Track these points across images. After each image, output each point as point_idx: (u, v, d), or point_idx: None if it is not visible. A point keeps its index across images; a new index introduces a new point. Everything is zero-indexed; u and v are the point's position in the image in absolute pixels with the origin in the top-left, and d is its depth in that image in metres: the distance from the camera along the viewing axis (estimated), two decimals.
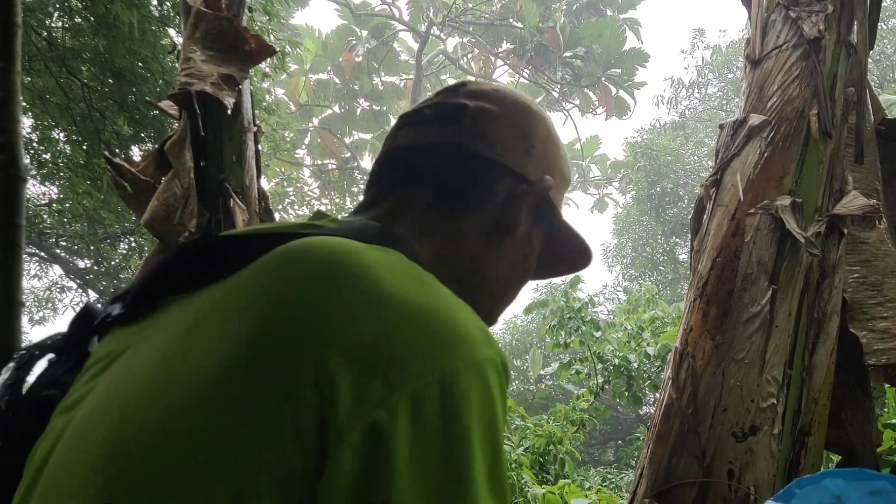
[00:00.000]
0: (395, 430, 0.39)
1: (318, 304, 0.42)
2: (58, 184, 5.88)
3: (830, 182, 1.67)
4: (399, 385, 0.40)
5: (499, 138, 0.65)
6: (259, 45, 2.24)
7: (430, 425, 0.40)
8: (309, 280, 0.44)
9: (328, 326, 0.41)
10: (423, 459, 0.39)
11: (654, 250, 16.35)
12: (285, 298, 0.43)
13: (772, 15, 1.84)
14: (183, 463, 0.39)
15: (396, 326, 0.42)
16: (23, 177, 1.94)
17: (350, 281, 0.43)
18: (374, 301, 0.42)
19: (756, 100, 1.77)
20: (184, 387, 0.42)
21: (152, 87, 4.68)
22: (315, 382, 0.39)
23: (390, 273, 0.45)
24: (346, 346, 0.40)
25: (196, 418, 0.40)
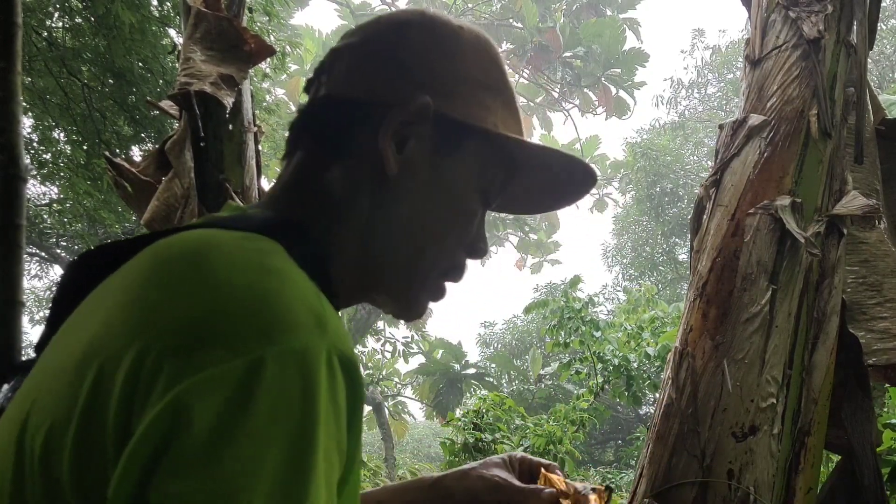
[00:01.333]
0: (191, 413, 0.36)
1: (146, 297, 0.42)
2: (58, 184, 5.89)
3: (830, 182, 1.68)
4: (200, 367, 0.37)
5: (358, 72, 0.56)
6: (259, 46, 2.25)
7: (227, 412, 0.37)
8: (146, 275, 0.43)
9: (149, 317, 0.40)
10: (213, 445, 0.36)
11: (654, 250, 16.35)
12: (125, 296, 0.43)
13: (771, 15, 1.85)
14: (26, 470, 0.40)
15: (212, 311, 0.40)
16: (23, 177, 1.94)
17: (179, 270, 0.42)
18: (196, 288, 0.41)
19: (756, 100, 1.77)
20: (36, 394, 0.43)
21: (152, 87, 4.68)
22: (125, 371, 0.39)
23: (229, 260, 0.43)
24: (159, 332, 0.39)
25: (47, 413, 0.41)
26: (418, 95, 0.53)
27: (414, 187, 0.55)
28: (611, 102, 14.83)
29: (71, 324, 0.47)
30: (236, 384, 0.37)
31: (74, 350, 0.43)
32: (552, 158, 0.61)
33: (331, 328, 0.42)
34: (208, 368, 0.38)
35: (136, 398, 0.38)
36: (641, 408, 11.23)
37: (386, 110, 0.54)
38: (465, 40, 0.58)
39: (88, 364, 0.41)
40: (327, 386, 0.40)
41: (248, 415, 0.37)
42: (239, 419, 0.37)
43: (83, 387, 0.40)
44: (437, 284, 0.60)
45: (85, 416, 0.39)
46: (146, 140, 5.13)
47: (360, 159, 0.55)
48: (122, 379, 0.39)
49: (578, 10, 14.89)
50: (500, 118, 0.58)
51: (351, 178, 0.55)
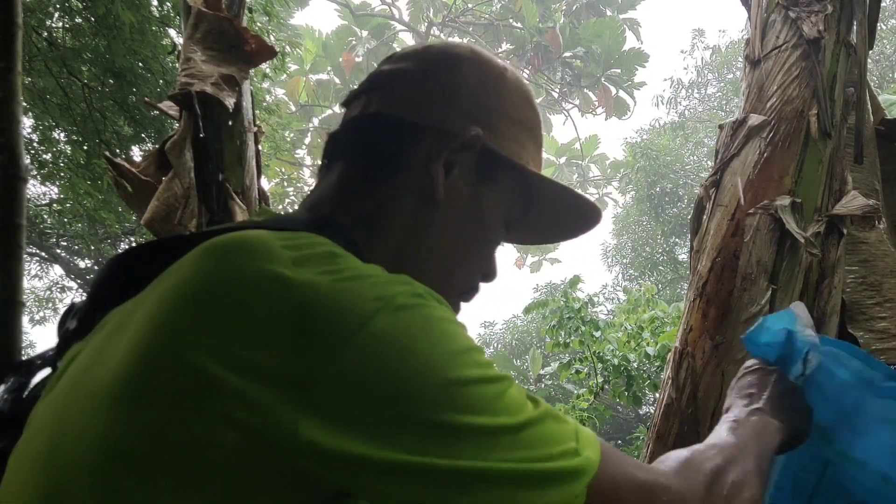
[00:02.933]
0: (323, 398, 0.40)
1: (216, 294, 0.43)
2: (58, 184, 5.89)
3: (830, 182, 1.68)
4: (324, 360, 0.40)
5: (413, 96, 0.59)
6: (259, 46, 2.25)
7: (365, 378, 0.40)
8: (210, 277, 0.44)
9: (230, 320, 0.41)
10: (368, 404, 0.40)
11: (654, 250, 16.35)
12: (190, 292, 0.44)
13: (771, 15, 1.85)
14: (110, 465, 0.40)
15: (297, 304, 0.41)
16: (23, 177, 1.94)
17: (247, 271, 0.43)
18: (270, 287, 0.42)
19: (755, 100, 1.77)
20: (102, 385, 0.43)
21: (153, 87, 4.68)
22: (231, 369, 0.40)
23: (285, 255, 0.44)
24: (248, 332, 0.41)
25: (116, 413, 0.41)
26: (470, 127, 0.58)
27: (453, 211, 0.59)
28: (611, 102, 14.83)
29: (122, 324, 0.47)
30: (366, 348, 0.40)
31: (147, 351, 0.43)
32: (568, 197, 0.65)
33: (411, 279, 0.46)
34: (336, 344, 0.40)
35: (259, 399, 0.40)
36: (641, 408, 11.23)
37: (439, 136, 0.58)
38: (509, 81, 0.63)
39: (172, 368, 0.41)
40: (436, 309, 0.45)
41: (393, 364, 0.41)
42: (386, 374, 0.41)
43: (166, 379, 0.41)
44: (454, 303, 0.63)
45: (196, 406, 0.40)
46: (146, 140, 5.13)
47: (407, 178, 0.58)
48: (230, 376, 0.40)
49: (578, 10, 14.89)
50: (532, 157, 0.63)
51: (396, 195, 0.58)
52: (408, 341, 0.42)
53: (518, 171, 0.61)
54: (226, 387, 0.40)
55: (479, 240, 0.62)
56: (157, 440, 0.40)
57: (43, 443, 0.45)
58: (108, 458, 0.41)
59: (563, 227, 0.69)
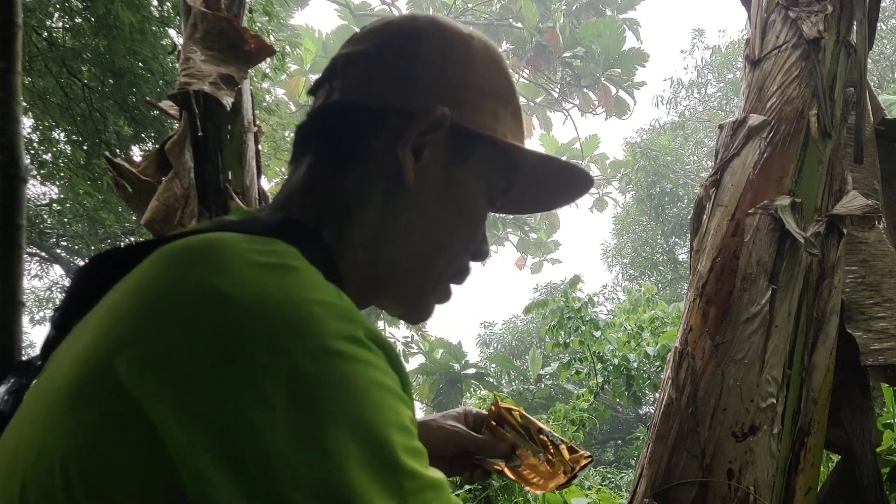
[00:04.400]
0: (248, 428, 0.35)
1: (158, 310, 0.40)
2: (58, 184, 5.89)
3: (830, 182, 1.68)
4: (245, 378, 0.36)
5: (372, 79, 0.56)
6: (259, 46, 2.25)
7: (288, 418, 0.36)
8: (154, 284, 0.42)
9: (163, 337, 0.38)
10: (280, 452, 0.35)
11: (654, 250, 16.35)
12: (133, 300, 0.41)
13: (771, 15, 1.85)
14: (43, 476, 0.38)
15: (237, 326, 0.38)
16: (23, 177, 1.94)
17: (188, 282, 0.41)
18: (207, 304, 0.39)
19: (755, 100, 1.77)
20: (48, 394, 0.42)
21: (153, 87, 4.68)
22: (152, 394, 0.37)
23: (237, 267, 0.41)
24: (171, 355, 0.37)
25: (52, 422, 0.40)
26: (435, 106, 0.55)
27: (426, 195, 0.56)
28: (611, 102, 14.83)
29: (83, 329, 0.46)
30: (285, 390, 0.36)
31: (87, 357, 0.41)
32: (554, 165, 0.63)
33: (353, 313, 0.42)
34: (256, 377, 0.36)
35: (172, 413, 0.36)
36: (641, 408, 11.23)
37: (402, 119, 0.55)
38: (476, 49, 0.59)
39: (102, 377, 0.39)
40: (370, 365, 0.40)
41: (312, 418, 0.36)
42: (302, 429, 0.36)
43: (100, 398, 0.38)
44: (443, 288, 0.61)
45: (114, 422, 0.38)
46: (146, 140, 5.13)
47: (373, 166, 0.55)
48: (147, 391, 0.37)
49: (578, 10, 14.88)
50: (509, 127, 0.59)
51: (364, 184, 0.55)
52: (330, 402, 0.38)
53: (494, 145, 0.58)
54: (144, 413, 0.37)
55: (459, 221, 0.58)
56: (82, 454, 0.38)
57: (10, 449, 0.43)
58: (40, 470, 0.39)
59: (552, 195, 0.67)
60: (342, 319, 0.41)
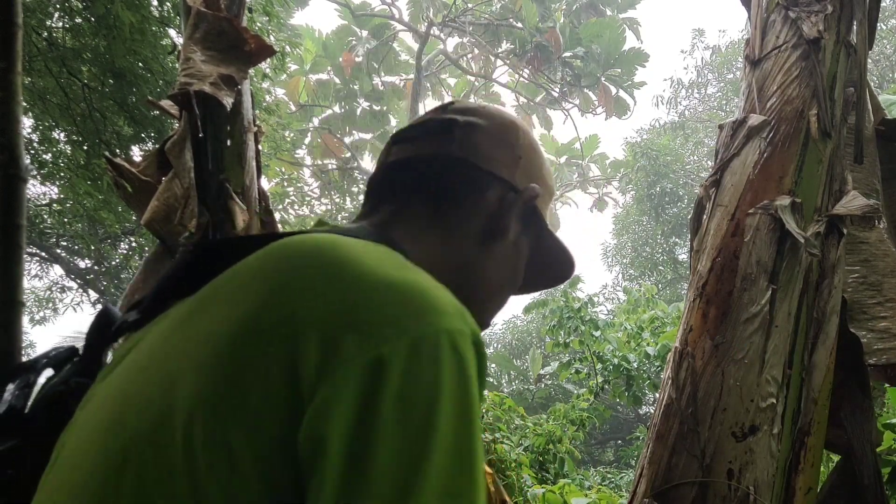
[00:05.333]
0: (357, 388, 0.41)
1: (297, 285, 0.46)
2: (58, 184, 5.88)
3: (830, 182, 1.68)
4: (367, 347, 0.42)
5: (488, 149, 0.69)
6: (259, 46, 2.24)
7: (394, 386, 0.41)
8: (293, 267, 0.48)
9: (302, 304, 0.45)
10: (384, 417, 0.41)
11: (654, 250, 16.35)
12: (271, 284, 0.47)
13: (771, 15, 1.85)
14: (179, 431, 0.44)
15: (367, 297, 0.45)
16: (23, 177, 1.93)
17: (328, 263, 0.47)
18: (347, 277, 0.46)
19: (755, 100, 1.77)
20: (182, 360, 0.47)
21: (153, 87, 4.68)
22: (287, 354, 0.43)
23: (369, 257, 0.49)
24: (315, 317, 0.44)
25: (192, 387, 0.45)
26: (530, 185, 0.70)
27: (504, 251, 0.69)
28: (611, 102, 14.82)
29: (202, 306, 0.51)
30: (405, 362, 0.42)
31: (212, 339, 0.46)
32: (563, 254, 0.77)
33: (470, 318, 0.48)
34: (372, 348, 0.42)
35: (300, 377, 0.42)
36: (641, 408, 11.23)
37: (506, 188, 0.69)
38: (541, 152, 0.77)
39: (237, 344, 0.44)
40: (474, 364, 0.45)
41: (422, 390, 0.42)
42: (411, 395, 0.41)
43: (238, 362, 0.44)
44: (487, 320, 0.74)
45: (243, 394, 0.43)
46: (146, 140, 5.13)
47: (475, 215, 0.68)
48: (283, 362, 0.43)
49: (578, 10, 14.87)
50: (549, 216, 0.76)
51: (460, 232, 0.67)
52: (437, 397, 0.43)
53: (543, 227, 0.73)
54: (296, 371, 0.43)
55: (516, 279, 0.72)
56: (210, 409, 0.43)
57: (108, 414, 0.49)
58: (161, 426, 0.44)
59: (545, 276, 0.80)
60: (459, 316, 0.47)
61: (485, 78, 16.01)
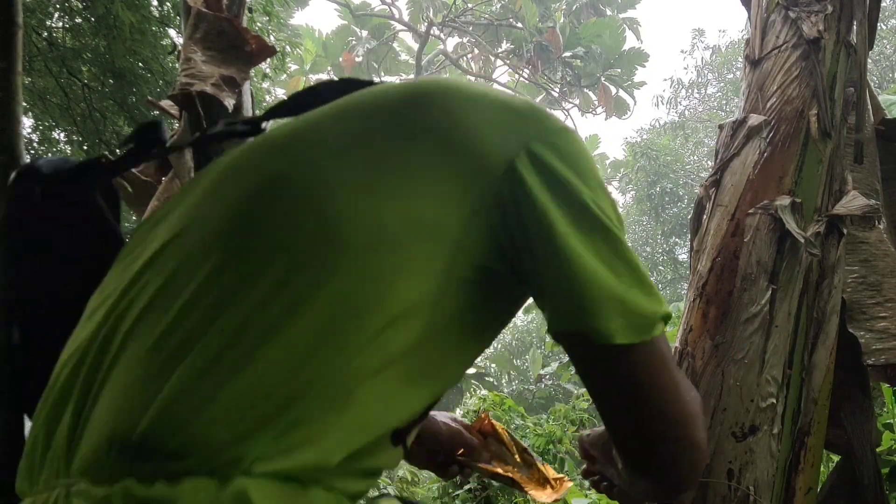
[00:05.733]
0: (541, 164, 0.53)
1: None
2: None
3: (830, 182, 1.68)
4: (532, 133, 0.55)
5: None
6: (259, 46, 2.24)
7: (567, 162, 0.55)
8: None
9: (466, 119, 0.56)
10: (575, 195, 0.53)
11: (654, 250, 16.36)
12: (409, 93, 0.60)
13: (771, 15, 1.85)
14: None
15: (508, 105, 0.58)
16: None
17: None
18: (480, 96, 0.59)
19: (755, 100, 1.77)
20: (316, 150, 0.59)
21: (153, 87, 4.68)
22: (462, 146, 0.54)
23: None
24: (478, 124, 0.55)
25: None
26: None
27: None
28: (611, 102, 14.83)
29: (312, 128, 0.63)
30: (565, 144, 0.56)
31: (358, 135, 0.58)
32: None
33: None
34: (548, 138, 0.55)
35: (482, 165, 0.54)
36: None
37: None
38: None
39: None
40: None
41: (583, 166, 0.56)
42: (580, 170, 0.55)
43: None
44: None
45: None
46: None
47: None
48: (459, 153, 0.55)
49: (578, 10, 14.88)
50: None
51: None
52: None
53: None
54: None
55: None
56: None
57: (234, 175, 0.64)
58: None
59: None
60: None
61: (485, 78, 16.02)
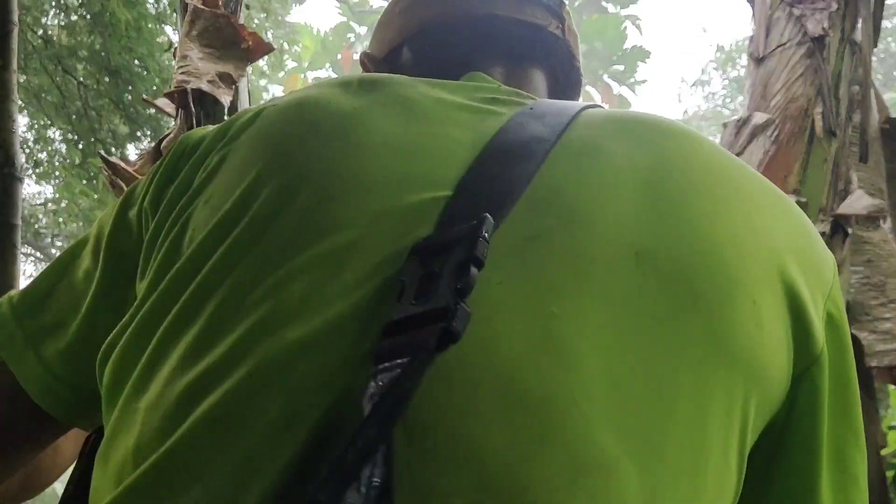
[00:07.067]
0: (842, 321, 0.37)
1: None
2: (53, 183, 5.86)
3: (835, 181, 1.66)
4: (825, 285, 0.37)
5: (573, 38, 0.68)
6: (257, 43, 2.22)
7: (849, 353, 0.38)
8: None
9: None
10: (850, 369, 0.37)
11: None
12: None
13: (776, 13, 1.83)
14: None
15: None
16: (19, 176, 1.92)
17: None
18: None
19: (760, 98, 1.76)
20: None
21: (149, 85, 4.65)
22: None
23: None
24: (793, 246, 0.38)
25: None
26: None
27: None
28: (613, 99, 14.83)
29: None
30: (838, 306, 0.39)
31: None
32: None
33: None
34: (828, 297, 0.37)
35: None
36: None
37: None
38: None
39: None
40: None
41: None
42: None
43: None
44: None
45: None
46: (142, 139, 5.10)
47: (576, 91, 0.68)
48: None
49: (580, 6, 14.86)
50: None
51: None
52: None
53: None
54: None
55: None
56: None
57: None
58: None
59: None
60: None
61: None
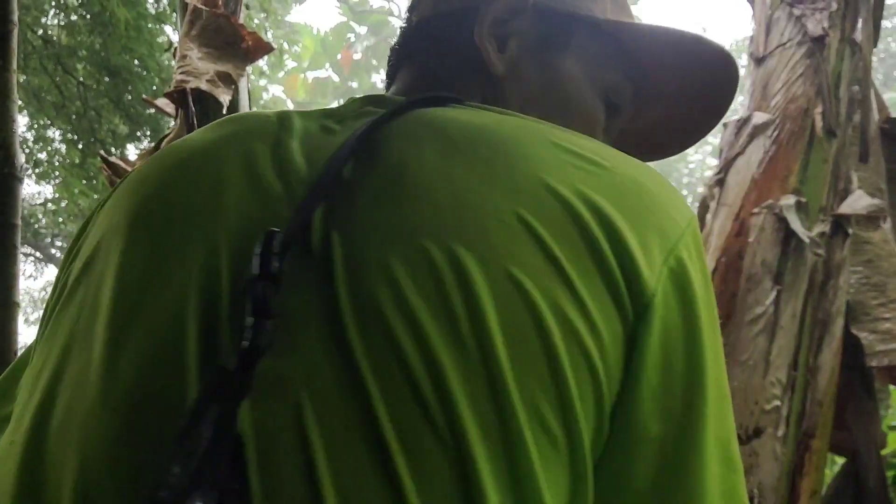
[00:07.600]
0: (688, 278, 0.35)
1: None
2: (53, 183, 5.86)
3: (835, 181, 1.66)
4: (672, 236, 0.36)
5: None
6: (256, 43, 2.22)
7: (700, 273, 0.36)
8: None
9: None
10: (708, 308, 0.36)
11: None
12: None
13: (776, 13, 1.83)
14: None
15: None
16: (19, 176, 1.92)
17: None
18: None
19: (760, 98, 1.76)
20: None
21: (148, 85, 4.65)
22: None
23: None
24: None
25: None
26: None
27: (522, 89, 0.48)
28: None
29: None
30: (695, 251, 0.37)
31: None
32: (678, 42, 0.51)
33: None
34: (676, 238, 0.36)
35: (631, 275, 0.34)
36: None
37: (481, 7, 0.48)
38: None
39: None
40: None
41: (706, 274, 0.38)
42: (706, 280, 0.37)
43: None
44: None
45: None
46: (142, 139, 5.10)
47: (469, 61, 0.48)
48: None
49: None
50: (609, 4, 0.50)
51: (465, 81, 0.48)
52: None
53: (594, 26, 0.49)
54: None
55: (565, 119, 0.47)
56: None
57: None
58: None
59: (687, 96, 0.54)
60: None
61: None
